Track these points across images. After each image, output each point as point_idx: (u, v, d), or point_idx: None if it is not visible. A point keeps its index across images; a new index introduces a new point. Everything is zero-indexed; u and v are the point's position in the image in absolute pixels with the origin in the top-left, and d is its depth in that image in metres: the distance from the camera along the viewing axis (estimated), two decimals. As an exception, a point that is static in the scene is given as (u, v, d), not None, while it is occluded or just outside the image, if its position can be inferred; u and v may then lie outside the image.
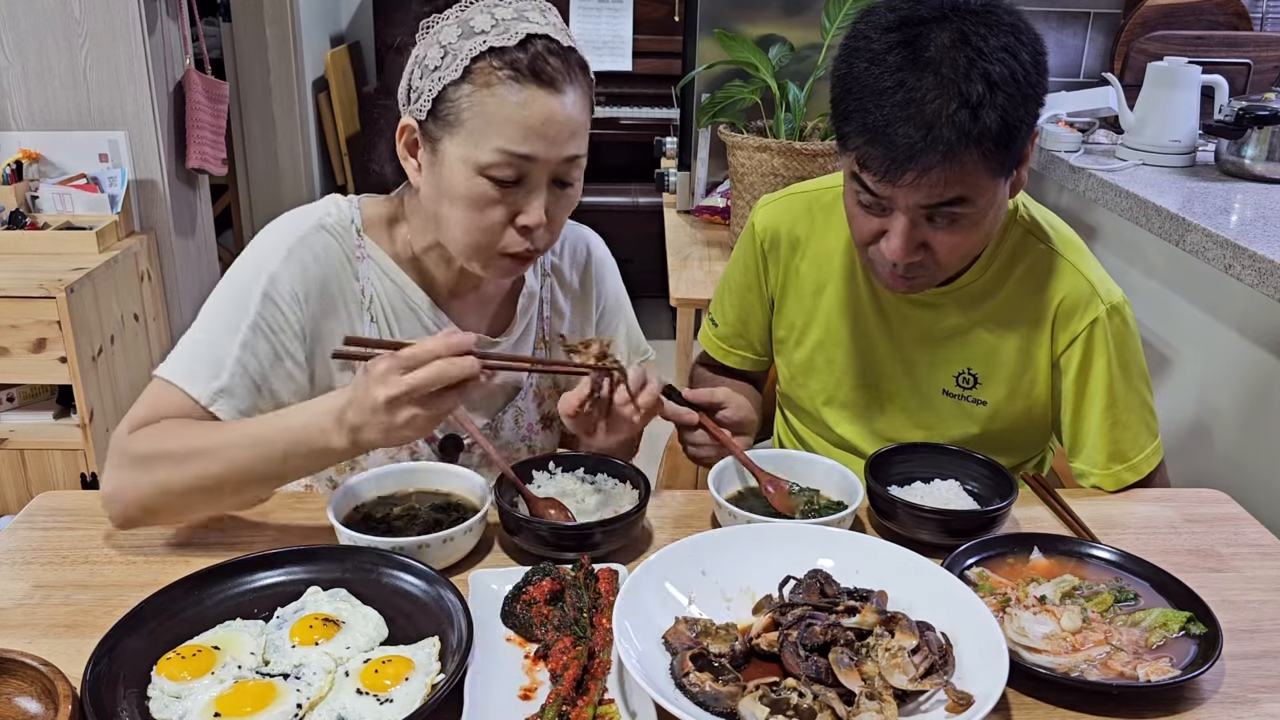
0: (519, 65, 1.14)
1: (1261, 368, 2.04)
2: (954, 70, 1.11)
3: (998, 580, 1.10)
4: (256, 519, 1.23)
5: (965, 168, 1.14)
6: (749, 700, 0.88)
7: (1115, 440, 1.37)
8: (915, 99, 1.12)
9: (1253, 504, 1.38)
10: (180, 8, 3.06)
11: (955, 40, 1.12)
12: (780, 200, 1.52)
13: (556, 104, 1.15)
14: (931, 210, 1.19)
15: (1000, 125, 1.12)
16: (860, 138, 1.17)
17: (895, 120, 1.12)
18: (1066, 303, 1.35)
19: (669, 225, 2.78)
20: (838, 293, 1.46)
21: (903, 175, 1.14)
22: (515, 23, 1.16)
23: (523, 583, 1.04)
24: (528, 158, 1.15)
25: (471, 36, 1.15)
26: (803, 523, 1.15)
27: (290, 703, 0.89)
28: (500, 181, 1.16)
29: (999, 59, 1.12)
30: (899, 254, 1.22)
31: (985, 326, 1.39)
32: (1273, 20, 3.40)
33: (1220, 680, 0.99)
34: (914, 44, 1.13)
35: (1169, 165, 2.45)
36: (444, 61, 1.16)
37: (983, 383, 1.41)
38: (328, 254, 1.26)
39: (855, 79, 1.17)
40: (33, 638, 1.00)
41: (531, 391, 1.44)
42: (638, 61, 3.70)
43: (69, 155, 2.88)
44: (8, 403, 2.69)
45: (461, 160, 1.16)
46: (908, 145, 1.12)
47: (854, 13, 2.35)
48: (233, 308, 1.22)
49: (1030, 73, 1.14)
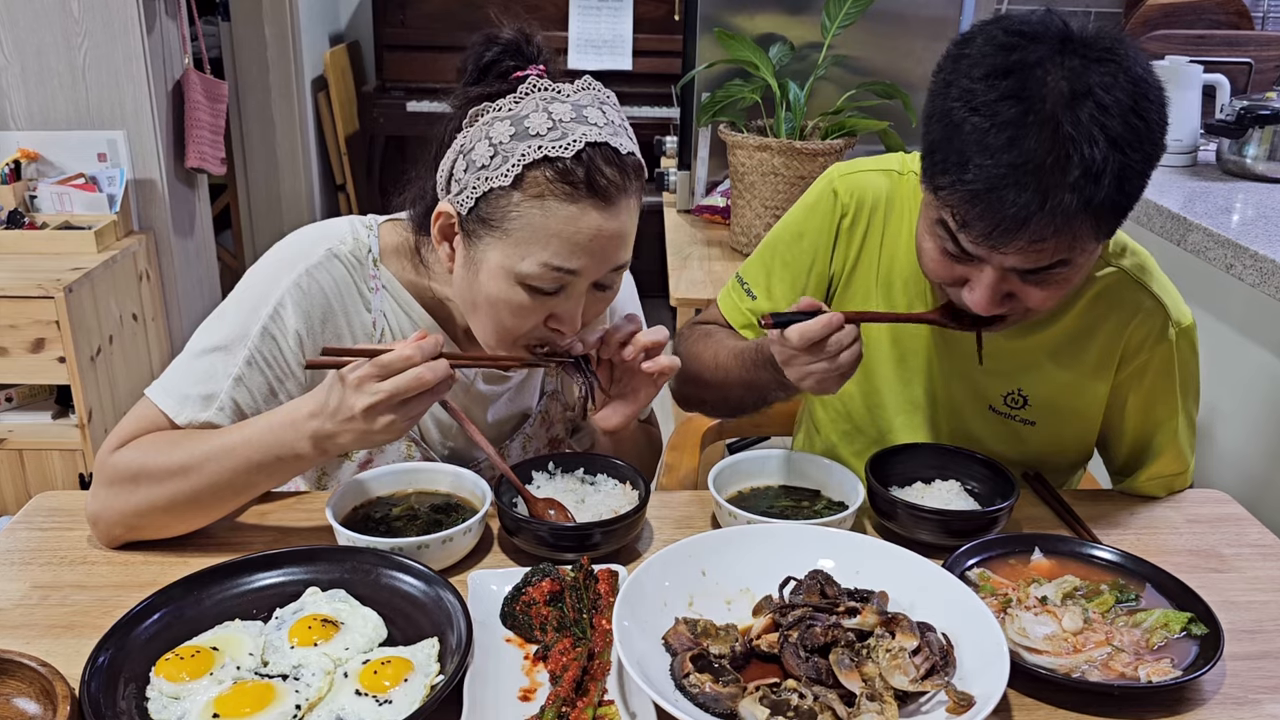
0: (573, 179, 1.07)
1: (1262, 368, 2.04)
2: (1075, 128, 0.99)
3: (999, 581, 1.10)
4: (256, 519, 1.23)
5: (1076, 236, 1.04)
6: (749, 701, 0.87)
7: (1169, 463, 1.36)
8: (1030, 161, 1.00)
9: (1254, 504, 1.38)
10: (179, 7, 3.06)
11: (1076, 92, 1.00)
12: (864, 172, 1.38)
13: (609, 220, 1.09)
14: (1026, 272, 1.09)
15: (1120, 191, 1.02)
16: (960, 193, 1.04)
17: (1006, 184, 1.00)
18: (1136, 325, 1.30)
19: (669, 225, 2.78)
20: (904, 289, 1.36)
21: (1010, 242, 1.03)
22: (573, 125, 1.07)
23: (522, 583, 1.04)
24: (574, 272, 1.10)
25: (526, 139, 1.07)
26: (803, 523, 1.15)
27: (289, 704, 0.88)
28: (540, 291, 1.11)
29: (1123, 116, 1.00)
30: (983, 307, 1.12)
31: (1045, 350, 1.33)
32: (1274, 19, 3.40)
33: (1221, 681, 0.99)
34: (1027, 96, 1.00)
35: (1170, 165, 2.45)
36: (493, 162, 1.08)
37: (1032, 404, 1.35)
38: (337, 286, 1.22)
39: (956, 128, 1.04)
40: (31, 638, 1.00)
41: (539, 418, 1.42)
42: (638, 61, 3.69)
43: (68, 155, 2.87)
44: (6, 403, 2.69)
45: (501, 266, 1.10)
46: (1018, 211, 1.00)
47: (855, 12, 2.35)
48: (232, 336, 1.18)
49: (1155, 132, 1.03)
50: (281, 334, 1.19)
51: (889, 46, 2.64)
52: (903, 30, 2.70)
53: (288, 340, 1.19)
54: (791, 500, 1.27)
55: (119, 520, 1.14)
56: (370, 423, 1.03)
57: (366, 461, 1.32)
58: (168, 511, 1.13)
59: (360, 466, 1.32)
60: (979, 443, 1.39)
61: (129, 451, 1.14)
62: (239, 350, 1.18)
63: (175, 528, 1.17)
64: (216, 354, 1.18)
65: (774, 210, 2.36)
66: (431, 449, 1.34)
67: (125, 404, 1.18)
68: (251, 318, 1.19)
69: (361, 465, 1.32)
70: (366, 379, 1.03)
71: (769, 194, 2.37)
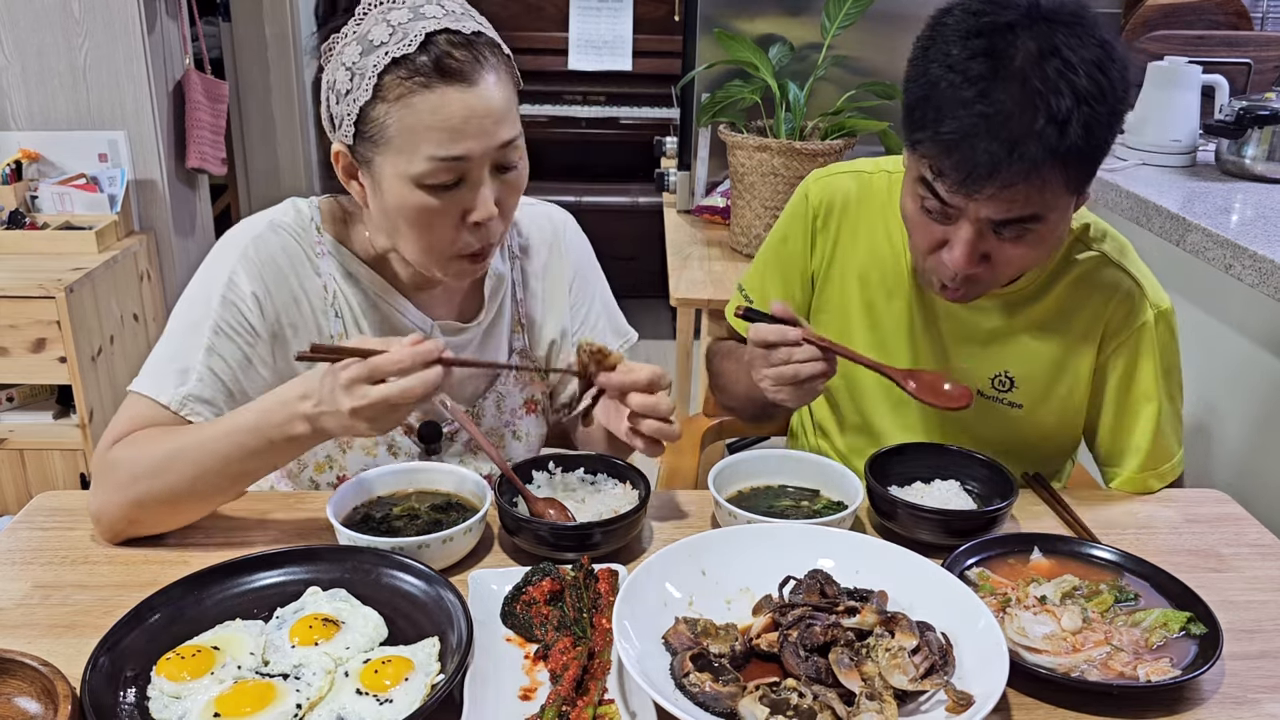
0: (425, 69, 1.11)
1: (1261, 368, 2.04)
2: (1042, 81, 1.07)
3: (998, 580, 1.10)
4: (256, 519, 1.23)
5: (1046, 185, 1.10)
6: (749, 701, 0.87)
7: (1153, 448, 1.37)
8: (1000, 111, 1.07)
9: (1253, 504, 1.38)
10: (180, 7, 3.06)
11: (1044, 51, 1.08)
12: (835, 176, 1.47)
13: (473, 97, 1.12)
14: (1001, 224, 1.15)
15: (1085, 142, 1.08)
16: (936, 146, 1.12)
17: (977, 132, 1.08)
18: (1115, 306, 1.34)
19: (669, 225, 2.78)
20: (881, 281, 1.43)
21: (982, 188, 1.10)
22: (412, 24, 1.12)
23: (523, 583, 1.04)
24: (461, 158, 1.13)
25: (372, 51, 1.12)
26: (803, 523, 1.15)
27: (290, 703, 0.88)
28: (440, 187, 1.14)
29: (1088, 71, 1.08)
30: (961, 264, 1.18)
31: (1028, 331, 1.37)
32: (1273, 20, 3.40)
33: (1220, 681, 0.99)
34: (998, 54, 1.09)
35: (1169, 165, 2.45)
36: (353, 83, 1.13)
37: (1019, 386, 1.39)
38: (285, 252, 1.26)
39: (933, 85, 1.13)
40: (32, 638, 1.00)
41: (512, 375, 1.43)
42: (638, 61, 3.70)
43: (68, 155, 2.88)
44: (7, 403, 2.69)
45: (397, 177, 1.15)
46: (989, 159, 1.08)
47: (855, 12, 2.35)
48: (194, 315, 1.22)
49: (1118, 87, 1.11)
50: (240, 299, 1.23)
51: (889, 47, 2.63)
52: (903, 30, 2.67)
53: (246, 303, 1.23)
54: (791, 500, 1.27)
55: (120, 515, 1.14)
56: (356, 422, 1.06)
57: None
58: (166, 502, 1.14)
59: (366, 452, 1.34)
60: (968, 430, 1.41)
61: (124, 446, 1.15)
62: (204, 323, 1.21)
63: (175, 519, 1.17)
64: (183, 333, 1.22)
65: (774, 210, 2.36)
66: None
67: (127, 404, 1.20)
68: (209, 293, 1.23)
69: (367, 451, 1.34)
70: (357, 381, 1.05)
71: (769, 194, 2.37)
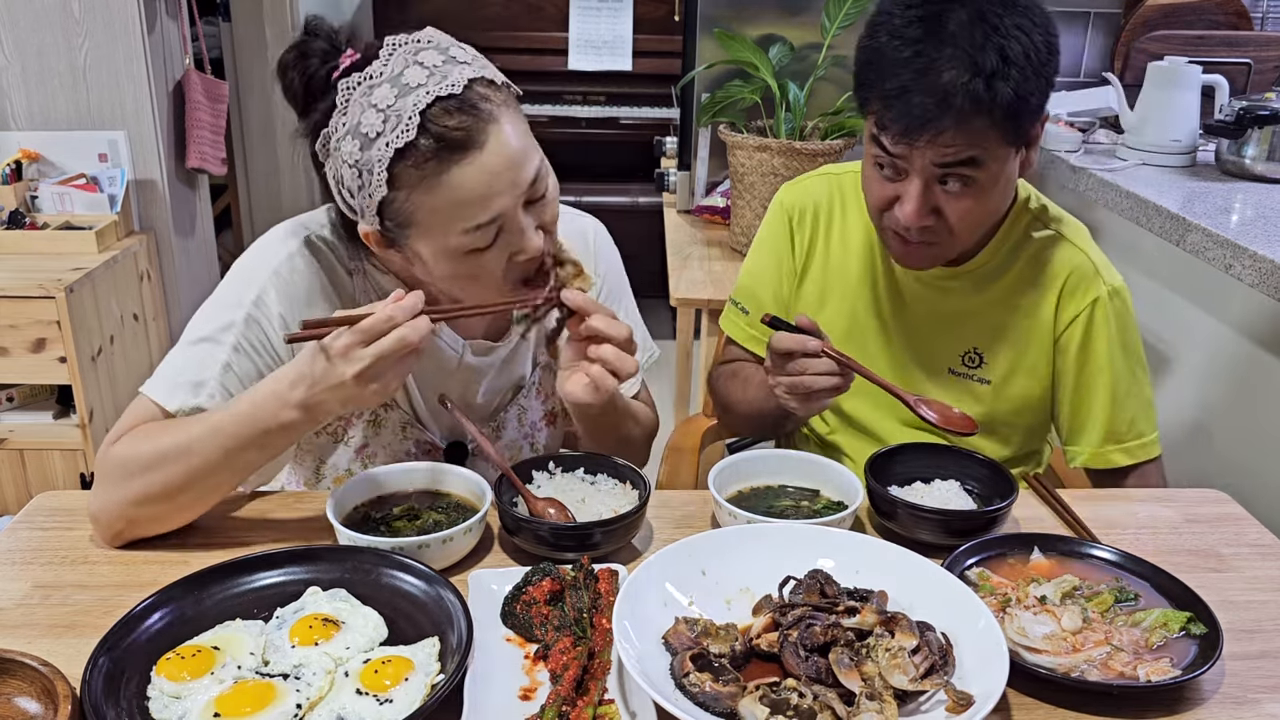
0: (431, 153, 1.08)
1: (1261, 368, 2.04)
2: (970, 44, 1.20)
3: (998, 580, 1.10)
4: (256, 519, 1.23)
5: (976, 132, 1.22)
6: (749, 701, 0.87)
7: (1111, 420, 1.43)
8: (933, 68, 1.20)
9: (1253, 504, 1.38)
10: (180, 7, 3.06)
11: (973, 17, 1.21)
12: (804, 181, 1.59)
13: (489, 157, 1.09)
14: (945, 171, 1.25)
15: (1011, 96, 1.20)
16: (879, 102, 1.25)
17: (913, 87, 1.21)
18: (1070, 281, 1.42)
19: (669, 225, 2.78)
20: (856, 271, 1.52)
21: (919, 136, 1.22)
22: (401, 104, 1.07)
23: (523, 583, 1.04)
24: (494, 219, 1.12)
25: (371, 145, 1.08)
26: (803, 523, 1.15)
27: (290, 703, 0.88)
28: (481, 248, 1.14)
29: (1013, 36, 1.20)
30: (912, 217, 1.28)
31: (992, 306, 1.45)
32: (1273, 20, 3.39)
33: (1221, 681, 0.99)
34: (934, 20, 1.22)
35: (1169, 165, 2.45)
36: (363, 179, 1.11)
37: (988, 362, 1.47)
38: (319, 270, 1.25)
39: (877, 50, 1.26)
40: (32, 638, 1.00)
41: (535, 388, 1.44)
42: (638, 61, 3.70)
43: (68, 155, 2.88)
44: (7, 403, 2.69)
45: (436, 252, 1.14)
46: (923, 110, 1.20)
47: (854, 12, 2.36)
48: (218, 327, 1.21)
49: (1041, 51, 1.22)
50: (267, 319, 1.21)
51: (889, 47, 2.64)
52: (902, 30, 2.69)
53: (273, 325, 1.22)
54: (791, 500, 1.27)
55: (119, 514, 1.14)
56: (361, 389, 1.06)
57: (362, 446, 1.34)
58: (164, 498, 1.13)
59: (356, 452, 1.34)
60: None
61: (122, 444, 1.15)
62: (226, 339, 1.20)
63: (173, 517, 1.17)
64: (204, 344, 1.21)
65: (774, 211, 2.36)
66: (427, 428, 1.36)
67: (126, 404, 1.19)
68: (236, 307, 1.21)
69: (357, 450, 1.34)
70: (352, 346, 1.05)
71: (769, 194, 2.36)
